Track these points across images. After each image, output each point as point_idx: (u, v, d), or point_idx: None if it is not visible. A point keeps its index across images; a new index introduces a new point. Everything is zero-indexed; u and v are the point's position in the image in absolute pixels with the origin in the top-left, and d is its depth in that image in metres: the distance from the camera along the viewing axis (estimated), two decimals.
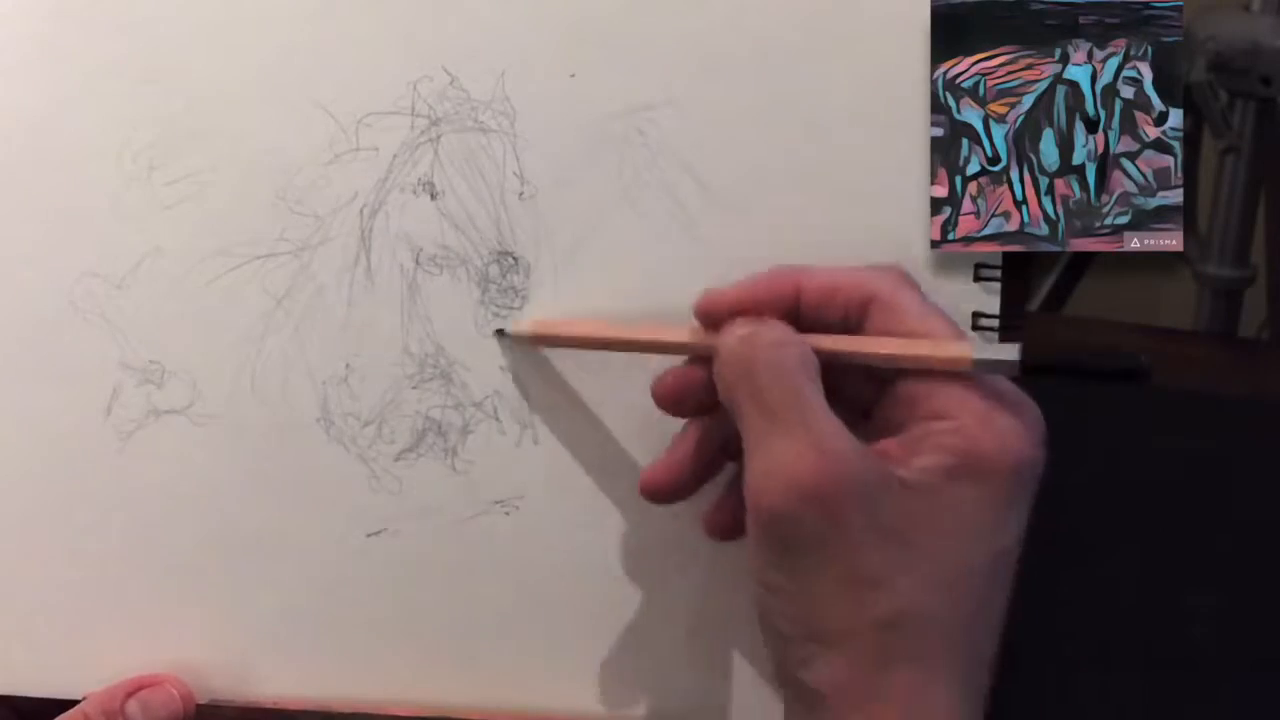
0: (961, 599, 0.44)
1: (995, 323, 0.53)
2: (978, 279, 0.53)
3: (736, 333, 0.47)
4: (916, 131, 0.53)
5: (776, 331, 0.47)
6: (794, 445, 0.44)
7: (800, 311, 0.48)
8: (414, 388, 0.55)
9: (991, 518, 0.44)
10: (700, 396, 0.50)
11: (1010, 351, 0.45)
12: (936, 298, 0.53)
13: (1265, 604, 0.64)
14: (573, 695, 0.55)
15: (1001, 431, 0.44)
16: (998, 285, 0.53)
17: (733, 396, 0.46)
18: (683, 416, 0.51)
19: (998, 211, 0.53)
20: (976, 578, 0.44)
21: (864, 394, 0.47)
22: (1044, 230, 0.53)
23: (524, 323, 0.54)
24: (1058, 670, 0.56)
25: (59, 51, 0.54)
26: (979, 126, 0.54)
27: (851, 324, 0.48)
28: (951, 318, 0.48)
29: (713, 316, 0.49)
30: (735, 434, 0.47)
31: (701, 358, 0.50)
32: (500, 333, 0.54)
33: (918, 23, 0.53)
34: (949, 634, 0.44)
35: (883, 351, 0.47)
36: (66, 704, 0.55)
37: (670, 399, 0.50)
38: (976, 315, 0.53)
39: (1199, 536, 0.66)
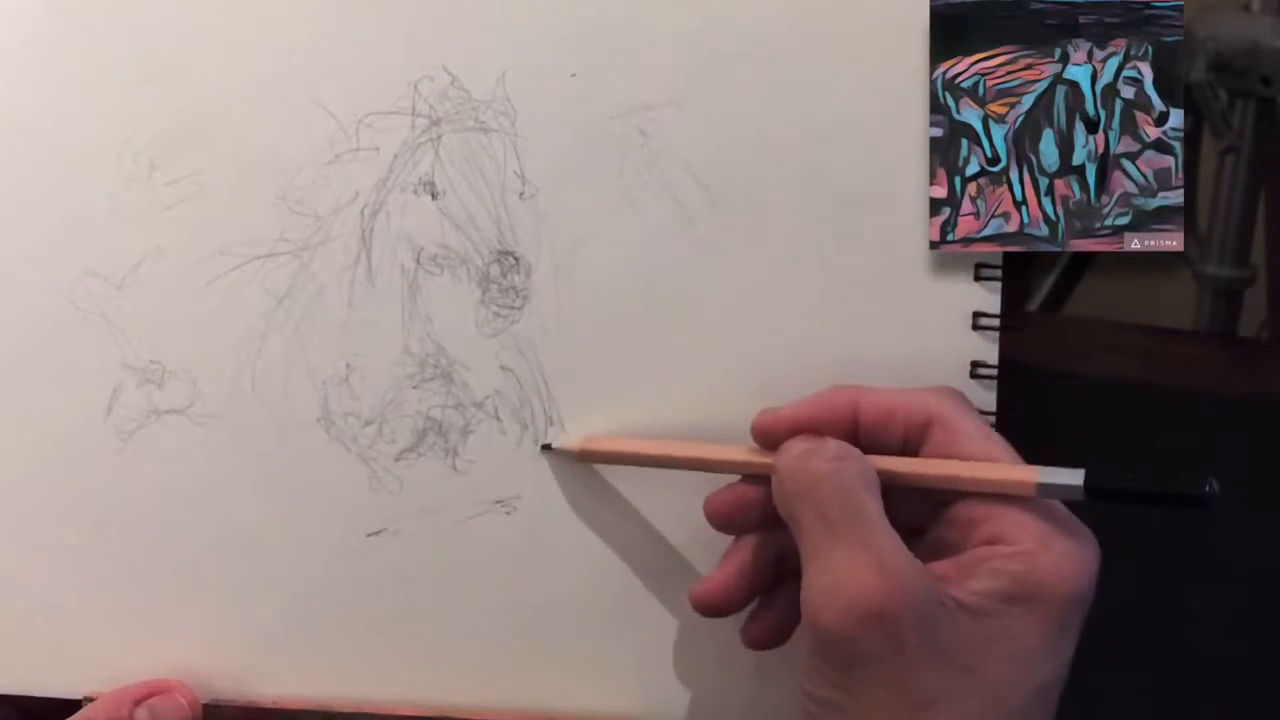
0: None
1: (995, 322, 0.53)
2: (978, 278, 0.53)
3: (798, 447, 0.47)
4: (915, 132, 0.53)
5: (837, 446, 0.47)
6: (855, 561, 0.44)
7: (859, 432, 0.49)
8: (415, 387, 0.55)
9: (1045, 645, 0.44)
10: (752, 515, 0.50)
11: (1075, 477, 0.45)
12: (936, 297, 0.53)
13: (1265, 604, 0.64)
14: (574, 694, 0.55)
15: (1060, 559, 0.44)
16: (998, 285, 0.53)
17: (792, 510, 0.46)
18: (732, 534, 0.51)
19: (997, 212, 0.53)
20: (1027, 703, 0.44)
21: (918, 516, 0.47)
22: (1044, 231, 0.53)
23: (572, 438, 0.54)
24: None
25: (59, 52, 0.54)
26: (978, 127, 0.53)
27: (910, 446, 0.48)
28: (1008, 446, 0.47)
29: (771, 435, 0.49)
30: (788, 550, 0.48)
31: (756, 476, 0.50)
32: (546, 448, 0.54)
33: (917, 22, 0.53)
34: None
35: (947, 474, 0.47)
36: (71, 704, 0.55)
37: (723, 517, 0.51)
38: (977, 315, 0.53)
39: (1199, 536, 0.65)
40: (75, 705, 0.55)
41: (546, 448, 0.54)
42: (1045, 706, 0.45)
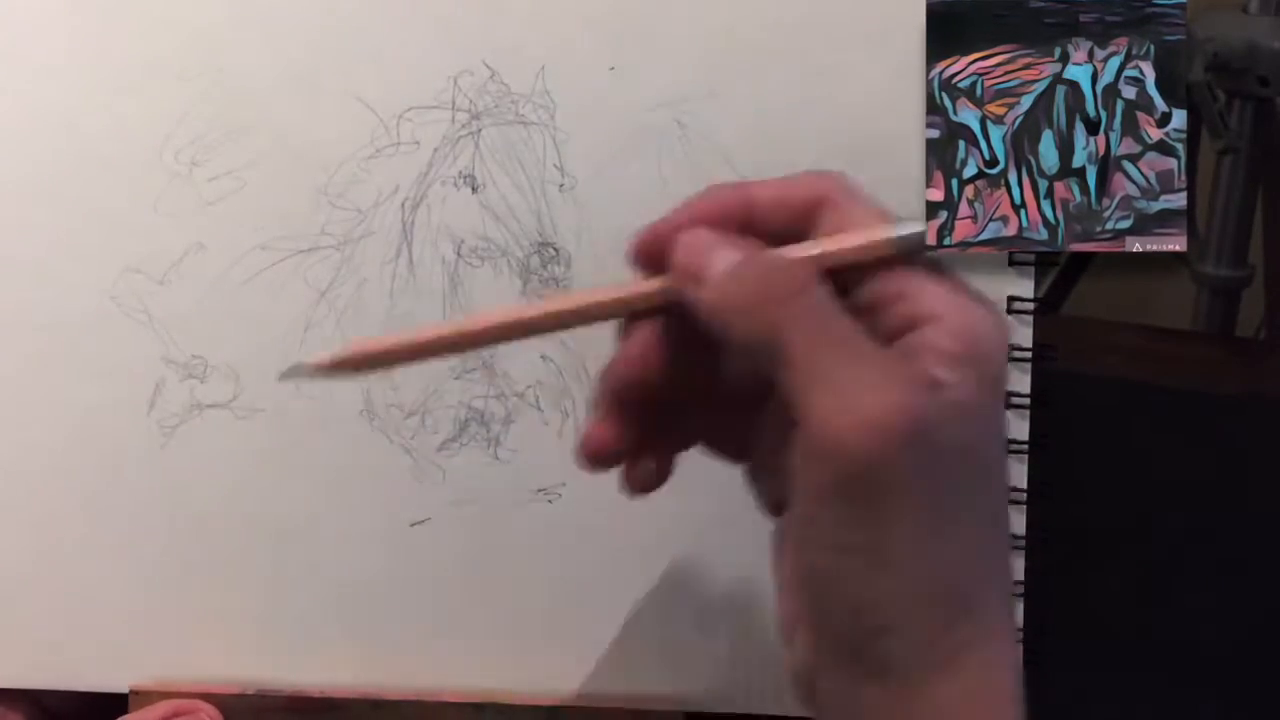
0: (1003, 524, 0.41)
1: (1030, 306, 0.54)
2: (1012, 263, 0.54)
3: (729, 256, 0.40)
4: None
5: (801, 258, 0.40)
6: (875, 376, 0.38)
7: (754, 225, 0.42)
8: (456, 378, 0.55)
9: (999, 408, 0.41)
10: (660, 371, 0.42)
11: (920, 225, 0.40)
12: (971, 282, 0.54)
13: (1265, 604, 0.65)
14: (619, 681, 0.55)
15: (986, 323, 0.39)
16: (1032, 270, 0.54)
17: (764, 328, 0.39)
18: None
19: (995, 215, 0.53)
20: (1003, 469, 0.41)
21: None
22: (1043, 235, 0.52)
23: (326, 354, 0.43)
24: (1057, 670, 0.56)
25: (101, 49, 0.54)
26: (976, 128, 0.53)
27: (800, 233, 0.42)
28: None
29: (657, 254, 0.42)
30: (681, 381, 0.42)
31: (642, 315, 0.42)
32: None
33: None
34: (1000, 577, 0.40)
35: (849, 246, 0.40)
36: (99, 700, 0.55)
37: (631, 375, 0.43)
38: (1011, 299, 0.54)
39: (1199, 536, 0.66)
40: (107, 702, 0.55)
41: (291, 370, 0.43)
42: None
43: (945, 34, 0.53)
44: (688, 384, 0.43)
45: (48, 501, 0.55)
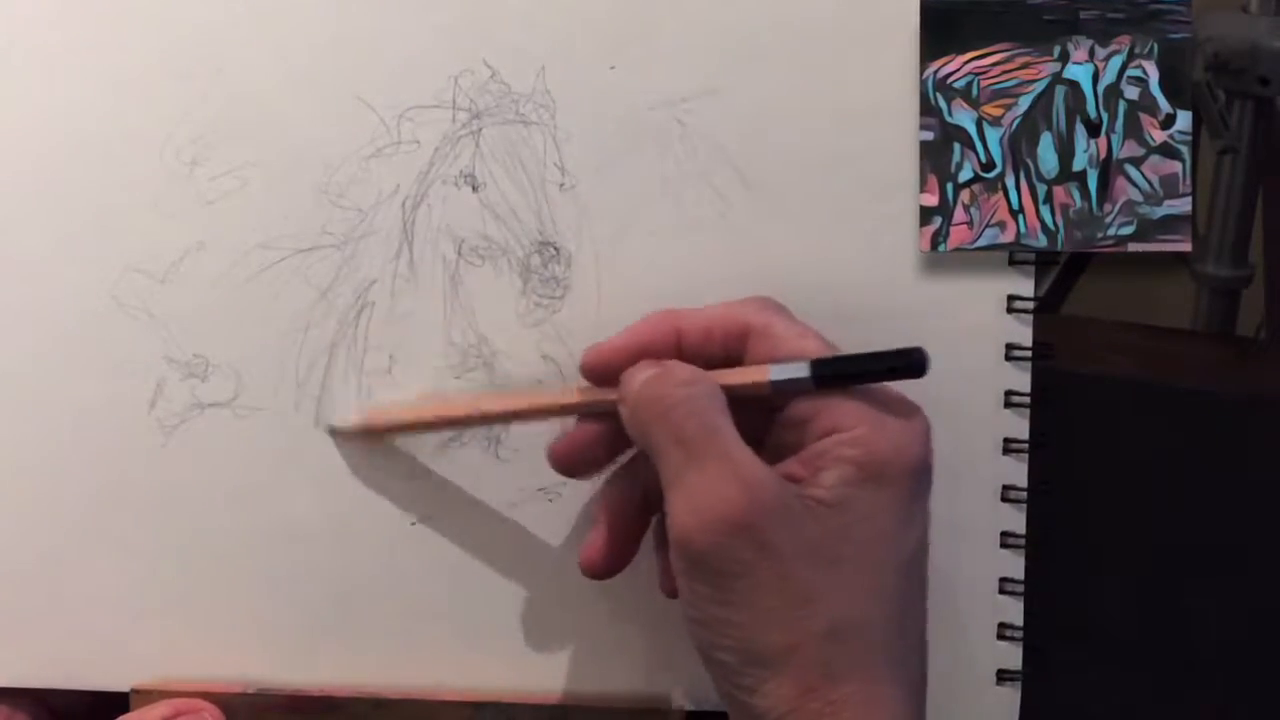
0: (890, 602, 0.45)
1: (1030, 305, 0.54)
2: (1012, 262, 0.54)
3: (642, 375, 0.48)
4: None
5: (684, 371, 0.48)
6: (716, 478, 0.44)
7: (683, 352, 0.49)
8: (457, 378, 0.55)
9: (901, 520, 0.46)
10: (595, 453, 0.51)
11: (801, 369, 0.47)
12: (971, 281, 0.54)
13: (1265, 604, 0.65)
14: (619, 681, 0.55)
15: (895, 434, 0.46)
16: (1032, 269, 0.54)
17: (649, 438, 0.47)
18: (578, 477, 0.52)
19: (992, 221, 0.52)
20: (900, 579, 0.46)
21: (755, 425, 0.48)
22: (1042, 242, 0.52)
23: (357, 415, 0.55)
24: (1057, 670, 0.56)
25: (102, 48, 0.54)
26: (972, 130, 0.52)
27: (732, 358, 0.49)
28: (822, 339, 0.49)
29: (602, 370, 0.50)
30: (652, 489, 0.48)
31: (591, 416, 0.51)
32: (332, 431, 0.55)
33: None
34: (887, 640, 0.45)
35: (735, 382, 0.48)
36: (102, 699, 0.55)
37: (568, 461, 0.51)
38: (1011, 299, 0.54)
39: (1199, 536, 0.66)
40: (111, 701, 0.55)
41: (332, 431, 0.55)
42: (916, 578, 0.47)
43: (940, 32, 0.52)
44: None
45: (48, 501, 0.55)
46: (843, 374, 0.47)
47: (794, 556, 0.44)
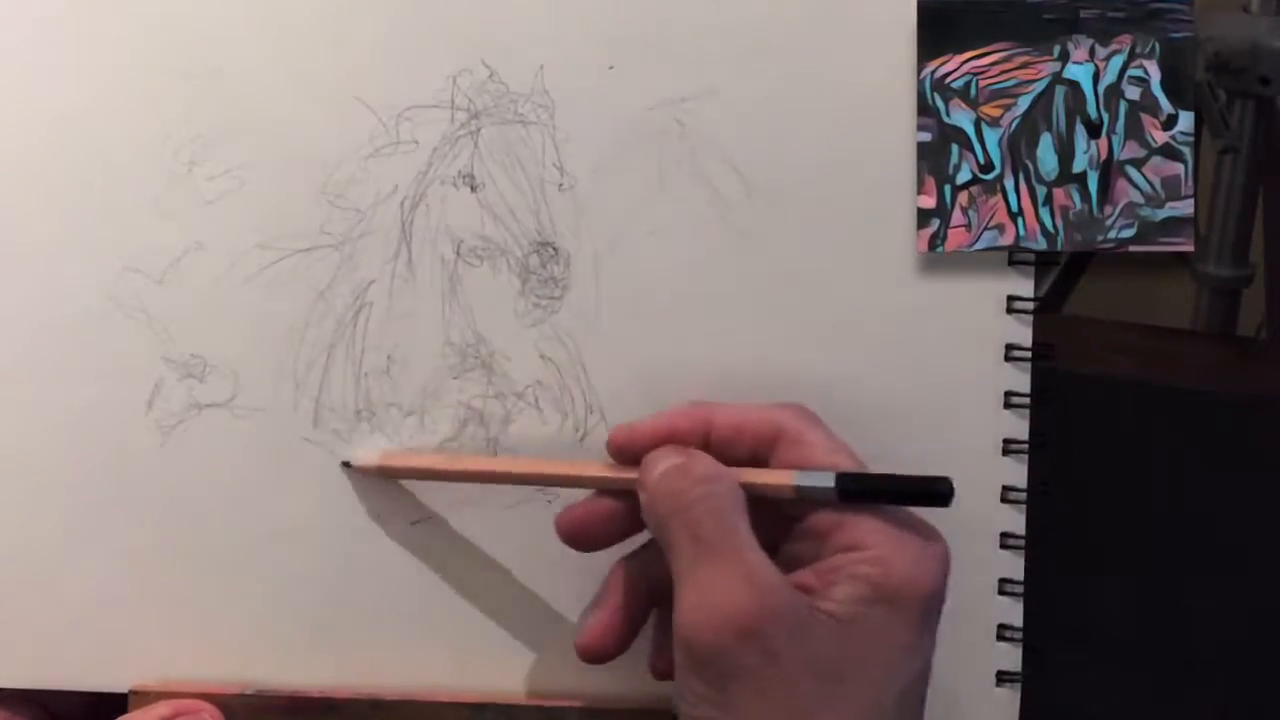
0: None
1: (1029, 305, 0.54)
2: (1012, 262, 0.54)
3: (664, 464, 0.48)
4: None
5: (707, 465, 0.48)
6: (727, 579, 0.44)
7: (710, 446, 0.49)
8: (455, 378, 0.55)
9: (909, 644, 0.46)
10: (607, 529, 0.51)
11: (827, 479, 0.47)
12: (971, 282, 0.54)
13: (1265, 604, 0.65)
14: (619, 681, 0.55)
15: (913, 559, 0.46)
16: (1032, 269, 0.54)
17: (665, 530, 0.47)
18: (585, 550, 0.52)
19: (991, 224, 0.52)
20: (897, 704, 0.45)
21: (773, 531, 0.48)
22: (1041, 244, 0.51)
23: (374, 454, 0.55)
24: (1057, 670, 0.56)
25: (101, 48, 0.54)
26: (970, 131, 0.52)
27: (759, 459, 0.49)
28: (853, 455, 0.49)
29: (628, 451, 0.50)
30: (660, 577, 0.48)
31: (610, 491, 0.51)
32: (346, 465, 0.55)
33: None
34: None
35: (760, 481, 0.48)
36: (102, 701, 0.55)
37: (578, 533, 0.51)
38: (1011, 299, 0.54)
39: (1199, 536, 0.66)
40: (110, 702, 0.55)
41: (346, 465, 0.55)
42: (915, 702, 0.47)
43: (937, 31, 0.52)
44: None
45: (46, 502, 0.55)
46: (868, 491, 0.47)
47: (797, 667, 0.44)
